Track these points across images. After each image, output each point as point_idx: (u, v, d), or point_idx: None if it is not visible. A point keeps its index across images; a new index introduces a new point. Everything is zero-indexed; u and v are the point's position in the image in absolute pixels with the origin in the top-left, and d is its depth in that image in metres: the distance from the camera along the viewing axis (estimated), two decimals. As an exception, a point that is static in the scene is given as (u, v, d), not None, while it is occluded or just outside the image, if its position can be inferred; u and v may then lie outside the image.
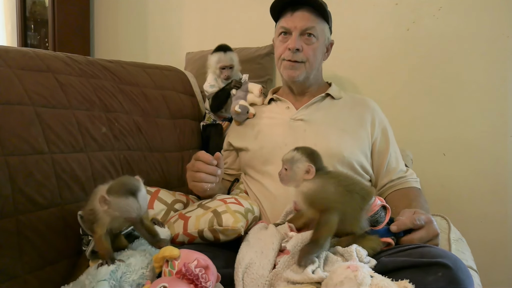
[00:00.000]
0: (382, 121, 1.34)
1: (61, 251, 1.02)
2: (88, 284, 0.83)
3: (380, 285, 0.73)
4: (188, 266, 0.77)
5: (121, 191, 0.85)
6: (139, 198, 0.85)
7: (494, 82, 1.55)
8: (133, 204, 0.85)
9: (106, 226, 0.88)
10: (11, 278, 0.91)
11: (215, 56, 1.54)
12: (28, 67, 1.11)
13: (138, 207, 0.85)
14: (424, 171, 1.49)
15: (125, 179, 0.90)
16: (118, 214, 0.86)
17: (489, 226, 1.57)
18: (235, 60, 1.55)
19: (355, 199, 0.90)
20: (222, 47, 1.54)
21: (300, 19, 1.28)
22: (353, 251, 0.85)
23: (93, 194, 0.92)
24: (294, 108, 1.37)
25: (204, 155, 1.14)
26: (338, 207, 0.87)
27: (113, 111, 1.28)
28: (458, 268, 0.79)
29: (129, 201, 0.85)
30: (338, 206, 0.87)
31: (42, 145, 1.02)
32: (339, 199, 0.89)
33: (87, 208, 0.92)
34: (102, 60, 1.40)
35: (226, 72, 1.53)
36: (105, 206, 0.85)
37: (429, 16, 1.63)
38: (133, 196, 0.85)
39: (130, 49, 2.50)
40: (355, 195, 0.90)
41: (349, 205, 0.89)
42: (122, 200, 0.85)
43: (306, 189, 0.93)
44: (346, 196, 0.90)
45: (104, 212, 0.87)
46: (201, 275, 0.76)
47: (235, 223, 1.02)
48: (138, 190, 0.86)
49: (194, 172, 1.15)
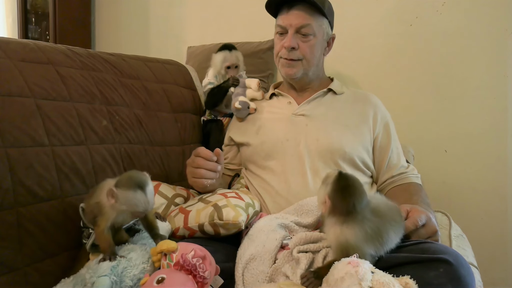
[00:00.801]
0: (385, 116, 1.34)
1: (61, 243, 1.02)
2: (88, 279, 0.83)
3: (381, 281, 0.73)
4: (186, 257, 0.77)
5: (129, 184, 0.85)
6: (147, 193, 0.85)
7: (496, 78, 1.54)
8: (141, 198, 0.85)
9: (110, 220, 0.88)
10: (12, 270, 0.91)
11: (220, 55, 1.51)
12: (29, 59, 1.10)
13: (146, 201, 0.85)
14: (425, 167, 1.49)
15: (133, 173, 0.89)
16: (125, 207, 0.86)
17: (490, 223, 1.57)
18: (240, 59, 1.53)
19: (398, 236, 0.86)
20: (227, 46, 1.52)
21: (296, 16, 1.26)
22: None
23: (99, 188, 0.91)
24: (295, 103, 1.36)
25: (204, 151, 1.14)
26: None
27: (114, 104, 1.27)
28: (460, 264, 0.79)
29: (137, 195, 0.84)
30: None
31: (42, 137, 1.01)
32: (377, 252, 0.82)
33: (91, 201, 0.92)
34: (103, 53, 1.40)
35: (232, 72, 1.50)
36: (112, 200, 0.85)
37: (432, 11, 1.62)
38: (141, 190, 0.85)
39: (131, 43, 2.50)
40: (399, 232, 0.86)
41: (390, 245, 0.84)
42: (130, 194, 0.84)
43: (344, 240, 0.80)
44: (390, 239, 0.84)
45: (111, 206, 0.87)
46: (199, 265, 0.77)
47: (235, 217, 1.02)
48: (146, 185, 0.86)
49: (194, 168, 1.14)
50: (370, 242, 0.80)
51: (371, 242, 0.81)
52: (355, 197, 0.81)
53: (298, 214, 1.09)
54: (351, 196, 0.81)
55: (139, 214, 0.89)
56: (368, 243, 0.80)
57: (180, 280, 0.75)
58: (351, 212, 0.81)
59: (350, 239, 0.80)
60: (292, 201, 1.15)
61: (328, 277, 0.78)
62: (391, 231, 0.84)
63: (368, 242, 0.80)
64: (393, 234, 0.85)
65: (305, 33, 1.27)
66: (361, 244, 0.80)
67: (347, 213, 0.81)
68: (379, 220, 0.83)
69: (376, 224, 0.82)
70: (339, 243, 0.81)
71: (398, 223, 0.87)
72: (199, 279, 0.77)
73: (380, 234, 0.82)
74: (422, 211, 0.99)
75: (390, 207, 0.90)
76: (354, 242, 0.80)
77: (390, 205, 0.91)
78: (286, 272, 0.89)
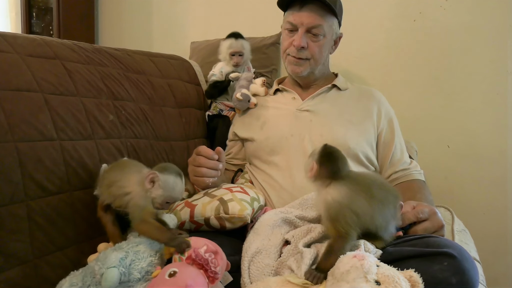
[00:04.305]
0: (388, 112, 1.34)
1: (70, 237, 1.03)
2: (97, 270, 0.84)
3: (386, 274, 0.74)
4: (198, 252, 0.78)
5: (170, 170, 0.91)
6: (183, 181, 0.92)
7: (499, 74, 1.55)
8: (180, 184, 0.92)
9: (151, 207, 0.91)
10: (23, 263, 0.92)
11: (226, 42, 1.55)
12: (36, 54, 1.10)
13: (182, 189, 0.93)
14: (428, 162, 1.51)
15: (169, 164, 0.95)
16: (162, 192, 0.90)
17: (492, 218, 1.58)
18: (246, 48, 1.56)
19: (389, 209, 0.86)
20: (234, 34, 1.55)
21: (307, 16, 1.25)
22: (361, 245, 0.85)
23: (125, 177, 0.94)
24: (300, 99, 1.37)
25: (205, 149, 1.15)
26: (355, 234, 0.82)
27: (120, 99, 1.28)
28: (464, 258, 0.79)
29: (177, 180, 0.91)
30: (356, 232, 0.82)
31: (51, 131, 1.02)
32: (366, 217, 0.82)
33: (116, 192, 0.93)
34: (108, 48, 1.40)
35: (236, 58, 1.53)
36: (151, 185, 0.89)
37: (436, 7, 1.63)
38: (180, 177, 0.92)
39: (135, 37, 2.50)
40: (390, 205, 0.86)
41: (380, 217, 0.84)
42: (171, 178, 0.91)
43: (330, 198, 0.84)
44: (378, 208, 0.84)
45: (144, 194, 0.90)
46: (211, 260, 0.77)
47: (241, 211, 1.03)
48: (182, 175, 0.94)
49: (195, 167, 1.15)
50: (356, 203, 0.83)
51: (358, 202, 0.83)
52: (339, 160, 0.88)
53: (303, 209, 1.10)
54: (336, 160, 0.88)
55: (173, 200, 0.93)
56: (354, 203, 0.82)
57: (192, 274, 0.75)
58: (336, 173, 0.86)
59: (336, 196, 0.83)
60: (296, 196, 1.15)
61: (334, 270, 0.79)
62: (383, 206, 0.85)
63: (354, 203, 0.82)
64: (386, 210, 0.85)
65: (316, 33, 1.27)
66: (346, 201, 0.82)
67: (333, 174, 0.86)
68: (366, 189, 0.85)
69: (361, 189, 0.85)
70: (326, 203, 0.85)
71: (390, 202, 0.87)
72: (210, 274, 0.77)
73: (368, 200, 0.84)
74: (426, 205, 1.00)
75: (385, 185, 0.91)
76: (339, 199, 0.83)
77: (385, 184, 0.93)
78: (291, 265, 0.90)
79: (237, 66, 1.54)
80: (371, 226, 0.84)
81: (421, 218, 0.97)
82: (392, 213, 0.88)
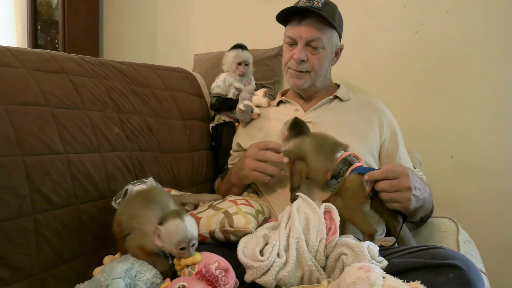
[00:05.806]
0: (391, 122, 1.35)
1: (76, 249, 1.03)
2: (103, 282, 0.84)
3: (392, 286, 0.74)
4: (209, 267, 0.77)
5: (167, 217, 0.86)
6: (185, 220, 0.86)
7: (502, 85, 1.55)
8: (180, 223, 0.85)
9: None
10: (29, 276, 0.92)
11: (232, 52, 1.56)
12: (43, 68, 1.12)
13: (185, 227, 0.85)
14: (432, 173, 1.50)
15: (169, 211, 0.90)
16: (168, 242, 0.86)
17: (497, 228, 1.57)
18: (250, 60, 1.58)
19: (327, 149, 1.11)
20: (240, 45, 1.57)
21: (306, 29, 1.27)
22: (365, 248, 0.86)
23: (148, 213, 0.91)
24: (302, 111, 1.38)
25: (273, 143, 1.18)
26: (305, 157, 1.12)
27: (125, 112, 1.29)
28: (469, 269, 0.80)
29: (176, 222, 0.85)
30: (304, 157, 1.12)
31: (58, 145, 1.03)
32: (309, 151, 1.12)
33: (135, 225, 0.91)
34: (113, 62, 1.42)
35: (242, 68, 1.55)
36: (160, 241, 0.86)
37: (437, 18, 1.64)
38: (179, 217, 0.86)
39: (139, 50, 2.52)
40: (326, 146, 1.12)
41: (320, 154, 1.11)
42: (169, 225, 0.85)
43: (287, 146, 1.18)
44: (317, 147, 1.12)
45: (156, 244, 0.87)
46: (221, 277, 0.77)
47: (246, 224, 1.03)
48: (181, 214, 0.87)
49: (258, 161, 1.17)
50: (302, 145, 1.14)
51: (304, 146, 1.14)
52: (304, 126, 1.20)
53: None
54: (301, 125, 1.20)
55: (181, 244, 0.85)
56: (300, 144, 1.15)
57: (201, 290, 0.75)
58: (298, 135, 1.18)
59: (298, 144, 1.15)
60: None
61: (340, 282, 0.79)
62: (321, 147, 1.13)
63: (301, 144, 1.15)
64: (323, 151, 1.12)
65: (315, 46, 1.28)
66: (296, 144, 1.16)
67: (296, 136, 1.18)
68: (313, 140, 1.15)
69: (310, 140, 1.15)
70: (288, 148, 1.17)
71: (329, 146, 1.13)
72: None
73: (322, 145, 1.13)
74: (400, 166, 1.04)
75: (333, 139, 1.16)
76: (293, 144, 1.16)
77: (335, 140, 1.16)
78: None
79: (242, 76, 1.56)
80: (311, 161, 1.12)
81: (388, 177, 0.98)
82: (328, 155, 1.11)
